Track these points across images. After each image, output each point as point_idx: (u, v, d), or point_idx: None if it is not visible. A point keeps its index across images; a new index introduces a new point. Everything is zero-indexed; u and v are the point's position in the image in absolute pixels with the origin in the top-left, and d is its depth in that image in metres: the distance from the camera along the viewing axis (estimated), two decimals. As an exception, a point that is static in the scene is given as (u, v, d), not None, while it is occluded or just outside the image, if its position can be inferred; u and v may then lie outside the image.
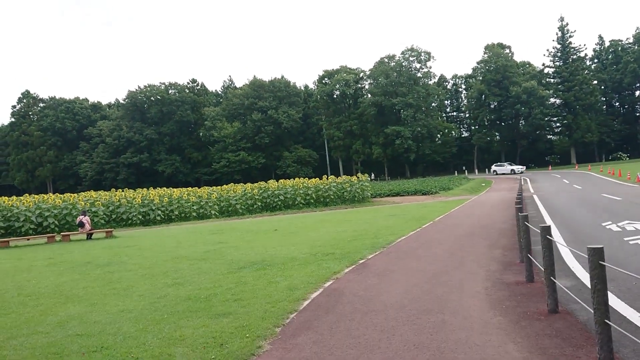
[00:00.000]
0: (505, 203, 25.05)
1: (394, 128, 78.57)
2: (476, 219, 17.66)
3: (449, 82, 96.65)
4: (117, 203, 27.41)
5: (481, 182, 52.90)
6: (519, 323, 5.24)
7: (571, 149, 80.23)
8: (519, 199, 11.25)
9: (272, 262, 10.70)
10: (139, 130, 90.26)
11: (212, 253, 13.20)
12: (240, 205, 30.31)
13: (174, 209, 28.37)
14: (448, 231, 14.39)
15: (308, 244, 13.71)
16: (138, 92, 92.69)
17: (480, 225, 15.16)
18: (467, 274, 8.08)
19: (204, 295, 7.83)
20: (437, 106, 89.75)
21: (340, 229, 17.25)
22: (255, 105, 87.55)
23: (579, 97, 75.72)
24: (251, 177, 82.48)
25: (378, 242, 12.76)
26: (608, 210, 16.67)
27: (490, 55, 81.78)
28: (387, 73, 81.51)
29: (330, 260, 10.41)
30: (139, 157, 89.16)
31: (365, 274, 8.76)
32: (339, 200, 32.87)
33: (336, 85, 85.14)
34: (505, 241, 11.50)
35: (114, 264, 12.45)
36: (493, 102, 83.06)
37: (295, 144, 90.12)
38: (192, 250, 14.25)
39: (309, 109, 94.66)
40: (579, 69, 78.56)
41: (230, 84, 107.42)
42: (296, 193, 31.54)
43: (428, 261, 9.56)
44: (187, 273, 10.17)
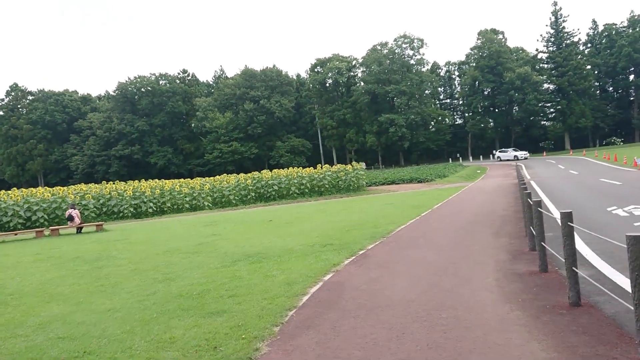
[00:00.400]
0: (503, 189, 24.69)
1: (388, 116, 78.06)
2: (476, 206, 17.26)
3: (442, 69, 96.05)
4: (107, 196, 26.81)
5: (476, 169, 52.62)
6: (540, 318, 4.80)
7: (565, 135, 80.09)
8: (523, 184, 10.81)
9: (267, 255, 10.24)
10: (130, 122, 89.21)
11: (205, 246, 12.72)
12: (234, 196, 29.79)
13: (166, 201, 27.81)
14: (449, 219, 13.97)
15: (304, 234, 13.26)
16: (128, 84, 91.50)
17: (481, 213, 14.75)
18: (475, 264, 7.65)
19: (197, 291, 7.36)
20: (430, 93, 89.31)
21: (336, 219, 16.81)
22: (247, 95, 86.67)
23: (573, 83, 75.43)
24: (244, 167, 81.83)
25: (377, 232, 12.32)
26: (610, 195, 16.32)
27: (483, 41, 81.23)
28: (379, 60, 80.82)
29: (329, 251, 9.96)
30: (130, 149, 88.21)
31: (367, 265, 8.32)
32: (333, 190, 32.42)
33: (329, 73, 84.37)
34: (510, 229, 11.09)
35: (103, 258, 11.95)
36: (486, 89, 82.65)
37: (288, 134, 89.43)
38: (184, 243, 13.76)
39: (302, 98, 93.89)
40: (573, 54, 78.19)
41: (222, 74, 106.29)
42: (290, 183, 31.04)
43: (432, 251, 9.13)
44: (178, 267, 9.70)
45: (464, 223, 12.78)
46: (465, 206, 17.55)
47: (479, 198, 20.75)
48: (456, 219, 13.88)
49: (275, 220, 18.22)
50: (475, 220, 13.08)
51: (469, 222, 12.80)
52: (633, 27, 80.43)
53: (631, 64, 78.72)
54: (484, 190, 25.57)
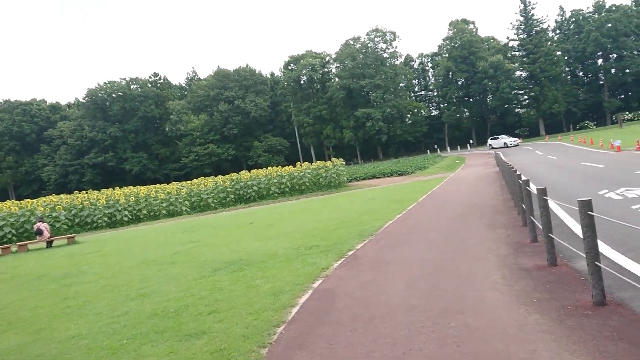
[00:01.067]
0: (485, 178, 24.37)
1: (364, 110, 77.69)
2: (462, 197, 16.80)
3: (415, 61, 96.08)
4: (79, 206, 25.69)
5: (455, 159, 52.58)
6: (564, 322, 4.23)
7: (539, 121, 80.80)
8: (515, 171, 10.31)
9: (250, 261, 9.55)
10: (102, 129, 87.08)
11: (182, 254, 11.95)
12: (213, 199, 28.91)
13: (142, 208, 26.80)
14: (436, 212, 13.45)
15: (288, 236, 12.59)
16: (98, 90, 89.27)
17: (469, 204, 14.27)
18: (475, 260, 7.08)
19: (173, 308, 6.64)
20: (405, 86, 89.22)
21: (320, 217, 16.17)
22: (221, 95, 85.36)
23: (545, 69, 76.05)
24: (222, 169, 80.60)
25: (364, 230, 11.71)
26: (597, 178, 16.02)
27: (455, 32, 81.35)
28: (353, 55, 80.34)
29: (315, 254, 9.31)
30: (103, 157, 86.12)
31: (358, 268, 7.69)
32: (314, 187, 31.78)
33: (302, 70, 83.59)
34: (503, 219, 10.59)
35: (72, 275, 11.09)
36: (460, 79, 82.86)
37: (265, 133, 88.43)
38: (161, 252, 12.96)
39: (277, 97, 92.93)
40: (543, 40, 78.86)
41: (194, 75, 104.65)
42: (270, 182, 30.28)
43: (425, 248, 8.55)
44: (154, 281, 8.93)
45: (453, 215, 12.26)
46: (451, 197, 17.08)
47: (464, 188, 20.34)
48: (444, 211, 13.37)
49: (257, 223, 17.51)
50: (464, 212, 12.57)
51: (459, 214, 12.28)
52: (599, 12, 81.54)
53: (599, 48, 79.76)
54: (467, 180, 25.22)
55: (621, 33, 77.26)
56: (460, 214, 12.41)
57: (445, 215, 12.53)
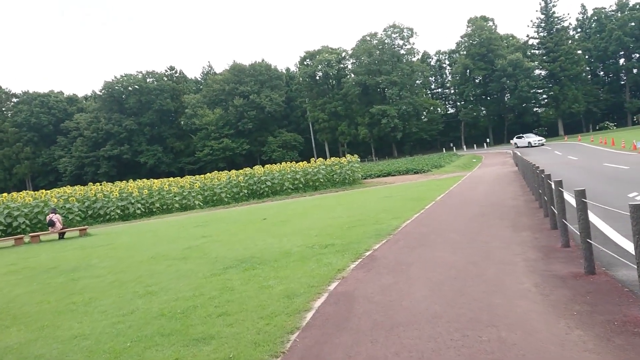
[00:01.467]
0: (504, 178, 23.78)
1: (380, 107, 77.01)
2: (481, 196, 16.29)
3: (432, 58, 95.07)
4: (93, 198, 25.60)
5: (472, 158, 51.82)
6: (612, 340, 3.79)
7: (558, 121, 79.39)
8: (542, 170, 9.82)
9: (262, 259, 9.20)
10: (118, 122, 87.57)
11: (194, 250, 11.65)
12: (226, 194, 28.66)
13: (155, 202, 26.64)
14: (456, 212, 12.98)
15: (302, 233, 12.23)
16: (115, 82, 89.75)
17: (490, 204, 13.77)
18: (502, 265, 6.64)
19: (181, 308, 6.30)
20: (421, 83, 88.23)
21: (335, 215, 15.78)
22: (236, 90, 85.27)
23: (565, 68, 74.63)
24: (236, 164, 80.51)
25: (382, 229, 11.30)
26: (624, 181, 15.40)
27: (473, 29, 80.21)
28: (369, 51, 79.66)
29: (331, 253, 8.93)
30: (119, 149, 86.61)
31: (376, 270, 7.29)
32: (328, 184, 31.39)
33: (318, 66, 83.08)
34: (527, 221, 10.11)
35: (81, 268, 10.85)
36: (478, 77, 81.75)
37: (280, 129, 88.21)
38: (172, 247, 12.68)
39: (292, 92, 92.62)
40: (564, 38, 77.35)
41: (210, 70, 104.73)
42: (284, 178, 29.95)
43: (447, 250, 8.11)
44: (163, 277, 8.63)
45: (473, 215, 11.79)
46: (470, 197, 16.57)
47: (482, 188, 19.80)
48: (464, 211, 12.89)
49: (270, 219, 17.17)
50: (485, 212, 12.09)
51: (480, 215, 11.81)
52: (622, 10, 79.78)
53: (621, 47, 78.09)
54: (485, 179, 24.64)
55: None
56: (481, 214, 11.93)
57: (465, 215, 12.06)
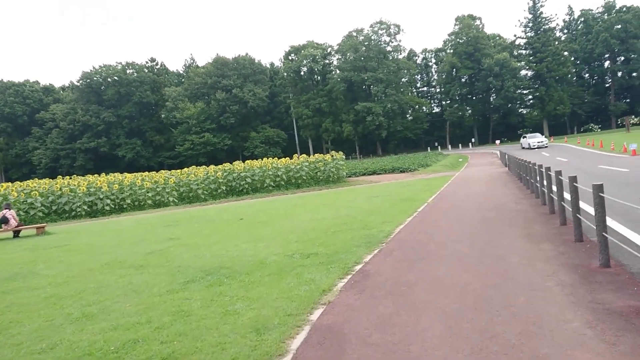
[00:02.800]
0: (497, 179, 22.61)
1: (365, 104, 75.78)
2: (478, 198, 14.99)
3: (418, 56, 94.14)
4: (58, 192, 23.76)
5: (458, 158, 50.90)
6: None
7: (543, 122, 79.06)
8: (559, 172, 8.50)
9: (232, 271, 7.72)
10: (96, 113, 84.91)
11: (156, 255, 10.11)
12: (203, 190, 27.02)
13: (126, 197, 24.89)
14: (454, 216, 11.63)
15: (281, 237, 10.77)
16: (93, 73, 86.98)
17: (491, 207, 12.47)
18: (532, 291, 5.25)
19: (117, 344, 4.80)
20: (407, 81, 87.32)
21: (319, 216, 14.35)
22: (218, 84, 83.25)
23: (552, 69, 74.27)
24: (217, 159, 78.57)
25: (372, 235, 9.89)
26: (631, 185, 14.25)
27: (461, 27, 79.42)
28: (355, 47, 78.36)
29: (314, 266, 7.49)
30: (96, 142, 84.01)
31: (370, 291, 5.87)
32: (312, 181, 29.95)
33: (303, 61, 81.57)
34: (542, 229, 8.78)
35: (20, 276, 9.23)
36: (464, 76, 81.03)
37: (263, 124, 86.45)
38: (134, 251, 11.12)
39: (276, 87, 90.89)
40: (551, 39, 77.05)
41: (192, 62, 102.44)
42: (265, 175, 28.41)
43: (455, 266, 6.72)
44: (110, 293, 7.10)
45: (476, 221, 10.45)
46: (466, 199, 15.27)
47: (476, 189, 18.54)
48: (464, 215, 11.55)
49: (247, 219, 15.67)
50: (488, 218, 10.76)
51: (483, 220, 10.46)
52: (608, 12, 79.68)
53: (607, 50, 77.98)
54: (476, 179, 23.44)
55: (631, 35, 75.45)
56: (484, 219, 10.59)
57: (466, 220, 10.71)
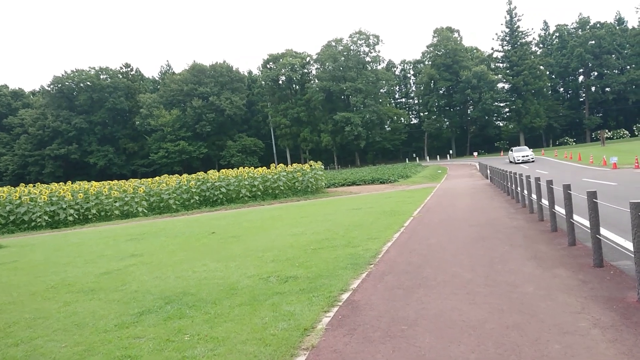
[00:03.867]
0: (481, 191, 21.86)
1: (343, 114, 75.18)
2: (467, 212, 14.10)
3: (397, 67, 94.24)
4: (17, 201, 22.13)
5: (437, 169, 50.48)
6: None
7: (520, 135, 79.54)
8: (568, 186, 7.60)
9: (197, 299, 6.57)
10: (67, 119, 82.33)
11: (112, 277, 8.87)
12: (174, 201, 25.63)
13: (92, 207, 23.36)
14: (445, 232, 10.67)
15: (256, 256, 9.64)
16: (65, 78, 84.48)
17: (483, 223, 11.56)
18: (567, 336, 4.23)
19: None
20: (386, 92, 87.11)
21: (297, 230, 13.25)
22: (195, 91, 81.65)
23: (528, 82, 74.84)
24: (192, 168, 76.83)
25: (357, 254, 8.83)
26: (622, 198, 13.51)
27: (439, 39, 79.70)
28: (334, 57, 77.84)
29: (293, 294, 6.38)
30: (67, 149, 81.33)
31: (363, 331, 4.79)
32: (290, 192, 28.83)
33: (282, 69, 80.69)
34: (548, 250, 7.85)
35: (-52, 303, 7.89)
36: (442, 88, 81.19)
37: (240, 133, 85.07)
38: (87, 270, 9.84)
39: (254, 96, 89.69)
40: (527, 53, 77.75)
41: (169, 69, 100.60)
42: (240, 185, 27.18)
43: (459, 296, 5.69)
44: (47, 327, 5.87)
45: (471, 239, 9.49)
46: (453, 213, 14.36)
47: (462, 202, 17.69)
48: (456, 231, 10.59)
49: (220, 232, 14.47)
50: (483, 235, 9.82)
51: (479, 238, 9.51)
52: (582, 28, 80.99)
53: (581, 64, 79.18)
54: (460, 192, 22.67)
55: (604, 50, 76.78)
56: (479, 237, 9.64)
57: (460, 238, 9.74)
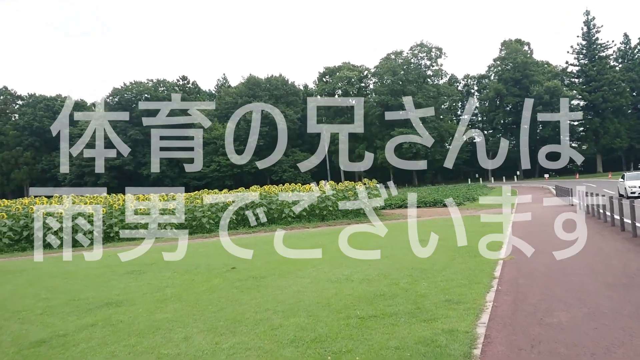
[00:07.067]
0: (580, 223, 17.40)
1: (402, 130, 71.01)
2: (582, 257, 10.02)
3: (460, 82, 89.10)
4: (33, 215, 19.77)
5: (505, 192, 45.38)
6: None
7: (597, 157, 72.48)
8: None
9: None
10: (123, 130, 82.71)
11: (57, 345, 5.57)
12: (208, 219, 22.64)
13: (115, 224, 20.73)
14: (569, 295, 6.75)
15: (268, 326, 6.13)
16: (124, 90, 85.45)
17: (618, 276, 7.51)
18: None
19: None
20: (448, 108, 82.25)
21: (341, 272, 9.66)
22: (249, 104, 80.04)
23: (607, 99, 68.17)
24: (244, 182, 74.64)
25: (436, 343, 5.10)
26: None
27: (507, 52, 74.46)
28: (394, 70, 74.16)
29: None
30: (121, 160, 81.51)
31: None
32: (339, 213, 25.26)
33: (338, 83, 77.83)
34: None
35: None
36: (508, 105, 75.56)
37: (293, 147, 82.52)
38: (24, 331, 6.63)
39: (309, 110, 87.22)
40: (607, 67, 71.04)
41: (225, 82, 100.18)
42: (283, 203, 23.89)
43: None
44: None
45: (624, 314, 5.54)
46: (559, 255, 10.30)
47: (563, 237, 13.46)
48: (586, 295, 6.65)
49: (241, 268, 11.09)
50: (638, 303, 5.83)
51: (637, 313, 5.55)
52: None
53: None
54: (549, 222, 18.24)
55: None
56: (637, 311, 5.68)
57: (604, 311, 5.80)
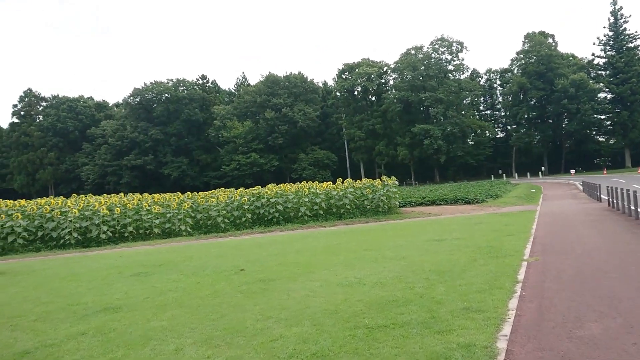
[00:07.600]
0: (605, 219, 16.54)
1: (422, 127, 70.01)
2: (612, 258, 9.29)
3: (482, 77, 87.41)
4: (47, 215, 19.68)
5: (530, 188, 44.19)
6: None
7: (625, 151, 70.31)
8: None
9: None
10: (144, 130, 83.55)
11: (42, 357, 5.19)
12: (223, 219, 22.29)
13: (129, 223, 20.53)
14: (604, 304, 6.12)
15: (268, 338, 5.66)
16: (144, 90, 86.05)
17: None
18: None
19: None
20: (469, 103, 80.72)
21: (353, 275, 9.12)
22: (268, 102, 79.96)
23: (636, 91, 66.04)
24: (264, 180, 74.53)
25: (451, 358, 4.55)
26: None
27: (531, 45, 72.68)
28: (414, 65, 73.04)
29: None
30: (143, 160, 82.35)
31: None
32: (357, 211, 24.66)
33: (357, 79, 77.01)
34: None
35: None
36: (532, 99, 73.80)
37: (313, 145, 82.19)
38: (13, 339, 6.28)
39: (328, 107, 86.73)
40: (635, 58, 68.78)
41: (244, 81, 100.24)
42: (300, 202, 23.40)
43: None
44: None
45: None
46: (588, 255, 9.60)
47: (589, 236, 12.72)
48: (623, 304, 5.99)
49: (250, 270, 10.63)
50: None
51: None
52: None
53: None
54: (575, 219, 17.45)
55: None
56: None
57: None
